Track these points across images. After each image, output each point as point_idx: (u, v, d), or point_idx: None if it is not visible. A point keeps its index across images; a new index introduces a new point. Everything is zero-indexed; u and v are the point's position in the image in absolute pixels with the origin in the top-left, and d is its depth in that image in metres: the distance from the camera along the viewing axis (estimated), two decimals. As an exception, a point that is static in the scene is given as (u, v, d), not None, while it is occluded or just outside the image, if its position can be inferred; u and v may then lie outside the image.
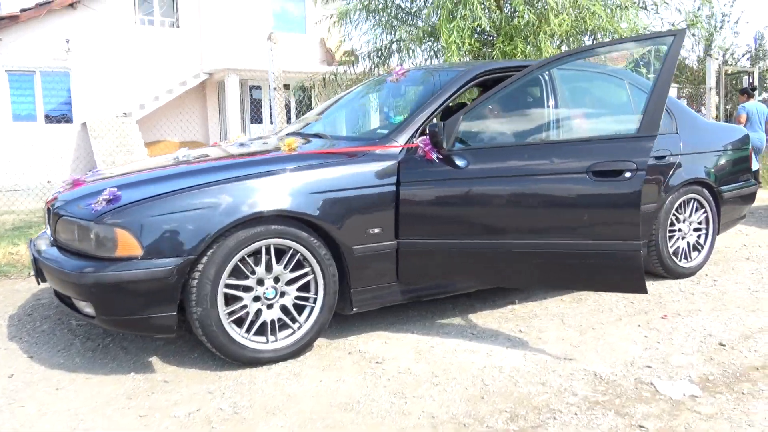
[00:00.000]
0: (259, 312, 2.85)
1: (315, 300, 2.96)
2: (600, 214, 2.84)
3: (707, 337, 3.20)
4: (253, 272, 2.81)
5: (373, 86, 4.14)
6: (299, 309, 2.95)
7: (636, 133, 2.84)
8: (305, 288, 2.95)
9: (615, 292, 3.32)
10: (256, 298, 2.84)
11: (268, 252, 2.82)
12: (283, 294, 2.90)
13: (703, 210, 4.36)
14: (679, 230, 4.26)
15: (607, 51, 3.53)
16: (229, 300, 2.79)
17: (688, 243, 4.33)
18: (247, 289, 2.82)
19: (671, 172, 4.09)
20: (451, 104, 3.66)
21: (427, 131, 3.10)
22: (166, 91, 14.73)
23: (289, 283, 2.90)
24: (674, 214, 4.21)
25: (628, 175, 2.76)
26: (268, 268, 2.84)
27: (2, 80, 13.58)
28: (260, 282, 2.84)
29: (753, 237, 5.78)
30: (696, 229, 4.37)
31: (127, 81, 14.37)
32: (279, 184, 2.84)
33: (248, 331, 2.82)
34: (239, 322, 2.82)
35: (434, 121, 3.30)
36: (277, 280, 2.87)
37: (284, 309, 2.91)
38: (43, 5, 13.51)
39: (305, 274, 2.93)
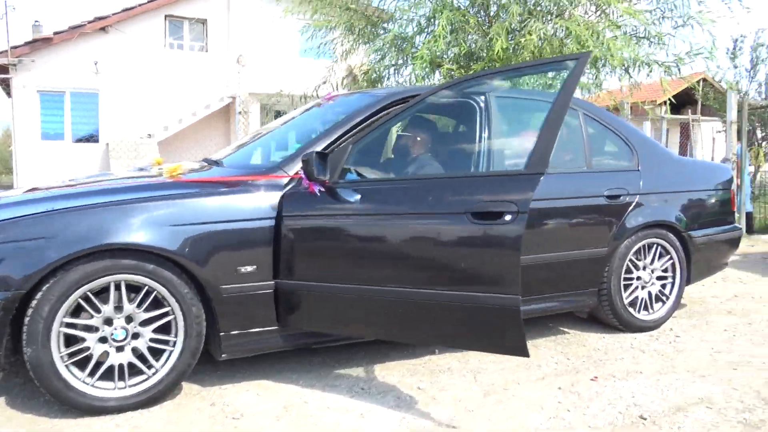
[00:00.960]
0: (106, 355, 2.59)
1: (174, 343, 2.68)
2: (478, 262, 2.48)
3: (630, 407, 2.76)
4: (98, 311, 2.56)
5: (303, 112, 3.88)
6: (157, 353, 2.68)
7: (522, 170, 2.47)
8: (165, 329, 2.68)
9: (494, 352, 2.85)
10: (103, 339, 2.58)
11: (118, 288, 2.57)
12: (136, 335, 2.63)
13: (669, 257, 3.90)
14: (638, 278, 3.81)
15: (506, 76, 3.18)
16: (71, 340, 2.54)
17: (650, 293, 3.87)
18: (92, 329, 2.56)
19: (627, 213, 3.66)
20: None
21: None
22: (191, 113, 14.92)
23: (145, 323, 2.63)
24: (632, 260, 3.76)
25: (508, 217, 2.39)
26: (119, 307, 2.59)
27: (33, 100, 14.02)
28: (108, 321, 2.58)
29: (750, 286, 5.21)
30: (660, 278, 3.90)
31: (153, 103, 14.63)
32: (134, 214, 2.58)
33: (92, 375, 2.56)
34: (85, 365, 2.56)
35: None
36: (130, 319, 2.61)
37: (138, 352, 2.64)
38: (75, 28, 13.95)
39: (165, 314, 2.66)
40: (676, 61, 6.61)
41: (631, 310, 3.77)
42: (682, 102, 21.51)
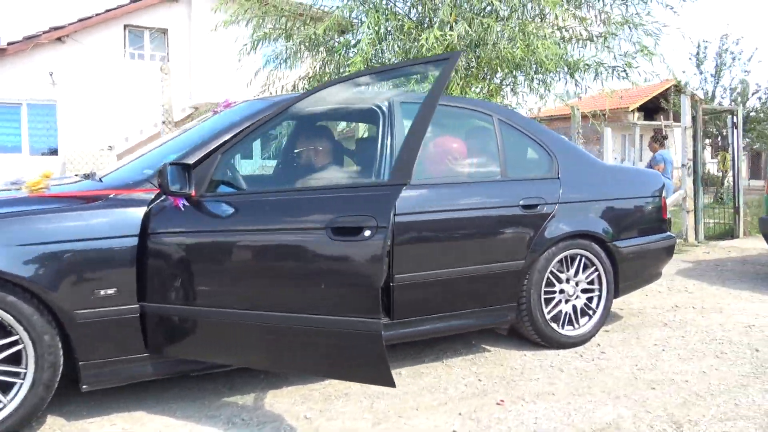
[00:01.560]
0: (-58, 390, 2.33)
1: (25, 375, 2.43)
2: (338, 283, 2.26)
3: (529, 435, 2.55)
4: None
5: (200, 121, 3.64)
6: (5, 386, 2.42)
7: (385, 181, 2.26)
8: (15, 360, 2.42)
9: (359, 382, 2.61)
10: (-62, 372, 2.32)
11: (-48, 315, 2.32)
12: (-19, 367, 2.38)
13: (594, 268, 3.70)
14: (561, 291, 3.61)
15: (370, 80, 2.98)
16: None
17: (575, 307, 3.67)
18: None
19: (545, 223, 3.46)
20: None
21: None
22: (152, 124, 14.59)
23: (-12, 354, 2.38)
24: (553, 273, 3.56)
25: (367, 233, 2.17)
26: (-45, 336, 2.33)
27: (-12, 112, 13.64)
28: (-59, 353, 2.32)
29: (695, 296, 5.03)
30: (586, 291, 3.71)
31: (113, 114, 14.30)
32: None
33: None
34: None
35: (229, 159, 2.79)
36: (-30, 350, 2.36)
37: (-18, 386, 2.38)
38: (30, 38, 13.60)
39: (14, 343, 2.41)
40: (624, 65, 6.48)
41: (553, 325, 3.57)
42: (656, 108, 21.61)
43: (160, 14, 14.98)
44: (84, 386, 2.54)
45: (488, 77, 6.20)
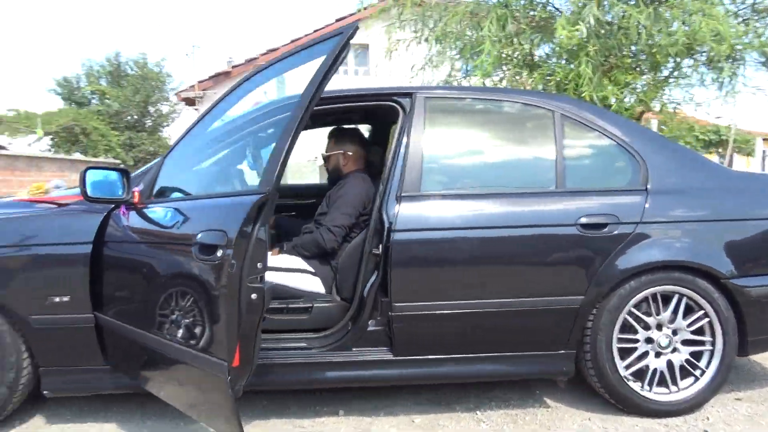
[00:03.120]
0: None
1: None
2: (196, 308, 1.84)
3: None
4: None
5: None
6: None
7: (255, 188, 1.80)
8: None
9: (212, 428, 2.09)
10: None
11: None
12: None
13: (703, 313, 2.72)
14: (649, 341, 2.71)
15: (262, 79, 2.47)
16: None
17: (671, 363, 2.72)
18: None
19: (618, 248, 2.63)
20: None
21: None
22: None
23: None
24: (634, 315, 2.69)
25: (219, 253, 1.73)
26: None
27: (216, 127, 15.47)
28: None
29: None
30: (690, 342, 2.74)
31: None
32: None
33: None
34: None
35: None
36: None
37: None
38: (250, 61, 15.15)
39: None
40: None
41: (633, 384, 2.69)
42: None
43: (361, 32, 15.60)
44: (45, 392, 2.50)
45: (647, 69, 5.14)
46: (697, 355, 2.74)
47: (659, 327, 2.72)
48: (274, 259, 2.86)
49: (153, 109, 24.14)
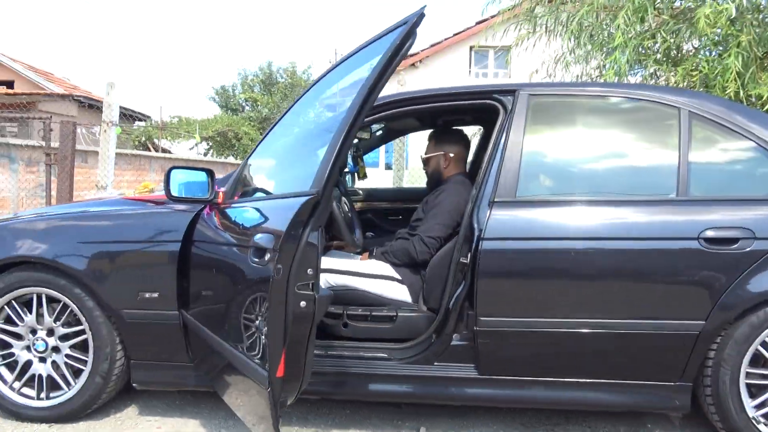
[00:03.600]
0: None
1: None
2: (247, 313, 1.77)
3: None
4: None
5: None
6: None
7: (306, 190, 1.69)
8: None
9: None
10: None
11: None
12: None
13: None
14: (787, 378, 2.28)
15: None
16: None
17: (817, 406, 2.27)
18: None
19: (751, 268, 2.23)
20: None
21: None
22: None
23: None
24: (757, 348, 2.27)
25: (267, 257, 1.68)
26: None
27: (355, 132, 15.90)
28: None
29: None
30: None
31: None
32: (43, 230, 2.59)
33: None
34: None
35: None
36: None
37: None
38: (389, 67, 15.37)
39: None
40: None
41: (764, 428, 2.27)
42: None
43: (500, 33, 15.28)
44: (134, 384, 2.60)
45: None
46: None
47: (801, 363, 2.27)
48: (362, 264, 2.78)
49: (299, 113, 25.36)
